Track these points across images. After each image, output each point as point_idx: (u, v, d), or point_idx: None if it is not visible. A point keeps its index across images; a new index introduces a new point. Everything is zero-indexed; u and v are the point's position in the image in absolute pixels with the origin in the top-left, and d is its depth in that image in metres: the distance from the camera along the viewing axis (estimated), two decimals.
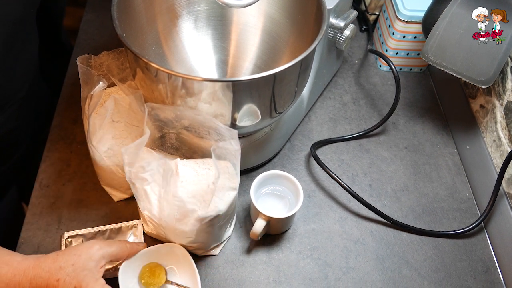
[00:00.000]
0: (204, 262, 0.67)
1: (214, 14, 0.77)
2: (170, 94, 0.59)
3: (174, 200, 0.57)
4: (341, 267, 0.68)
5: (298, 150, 0.81)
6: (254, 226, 0.64)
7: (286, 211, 0.69)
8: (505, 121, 0.73)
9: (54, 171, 0.74)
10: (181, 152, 0.67)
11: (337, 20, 0.74)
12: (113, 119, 0.69)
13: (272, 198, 0.71)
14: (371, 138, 0.84)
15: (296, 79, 0.63)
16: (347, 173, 0.79)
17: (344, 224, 0.73)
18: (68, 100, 0.83)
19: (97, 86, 0.64)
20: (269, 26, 0.76)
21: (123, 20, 0.61)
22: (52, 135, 0.79)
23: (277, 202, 0.70)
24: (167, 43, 0.76)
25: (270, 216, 0.63)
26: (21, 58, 0.73)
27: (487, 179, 0.75)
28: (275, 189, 0.71)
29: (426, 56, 0.75)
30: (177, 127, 0.63)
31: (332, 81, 0.92)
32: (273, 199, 0.71)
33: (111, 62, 0.74)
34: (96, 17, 0.99)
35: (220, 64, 0.80)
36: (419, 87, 0.93)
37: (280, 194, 0.71)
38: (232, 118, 0.61)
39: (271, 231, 0.68)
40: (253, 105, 0.60)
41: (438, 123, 0.87)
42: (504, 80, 0.73)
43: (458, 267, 0.69)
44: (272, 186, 0.71)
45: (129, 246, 0.59)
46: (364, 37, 1.01)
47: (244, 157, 0.70)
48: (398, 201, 0.76)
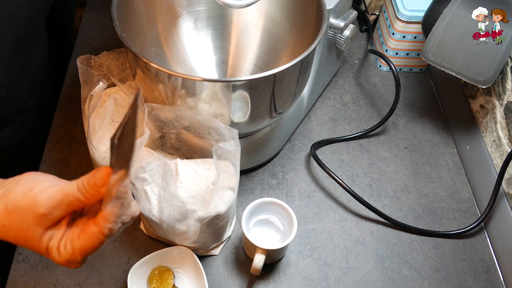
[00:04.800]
0: (204, 262, 0.67)
1: (214, 14, 0.77)
2: (170, 94, 0.59)
3: (174, 200, 0.57)
4: (341, 267, 0.68)
5: (298, 150, 0.81)
6: (254, 262, 0.61)
7: (280, 237, 0.67)
8: (505, 121, 0.73)
9: (54, 172, 0.74)
10: (181, 152, 0.67)
11: (337, 20, 0.74)
12: (113, 119, 0.69)
13: (262, 227, 0.68)
14: (371, 138, 0.84)
15: (296, 79, 0.63)
16: (347, 173, 0.79)
17: (344, 224, 0.73)
18: (68, 100, 0.83)
19: (97, 86, 0.64)
20: (269, 26, 0.76)
21: (123, 20, 0.62)
22: (52, 135, 0.79)
23: (268, 230, 0.68)
24: (167, 43, 0.76)
25: (268, 249, 0.61)
26: (30, 66, 0.72)
27: (487, 179, 0.75)
28: (263, 218, 0.68)
29: (426, 56, 0.75)
30: (177, 127, 0.63)
31: (332, 81, 0.92)
32: (263, 227, 0.68)
33: (111, 62, 0.74)
34: (96, 17, 0.99)
35: (220, 64, 0.80)
36: (419, 87, 0.93)
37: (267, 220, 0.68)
38: (232, 118, 0.61)
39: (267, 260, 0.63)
40: (253, 105, 0.60)
41: (438, 123, 0.87)
42: (504, 80, 0.73)
43: (458, 267, 0.69)
44: (259, 216, 0.68)
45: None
46: (364, 37, 1.01)
47: (244, 157, 0.70)
48: (398, 201, 0.76)
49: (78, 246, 0.42)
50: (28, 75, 0.73)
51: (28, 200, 0.41)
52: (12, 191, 0.42)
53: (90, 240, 0.41)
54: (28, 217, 0.40)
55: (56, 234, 0.42)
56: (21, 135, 0.76)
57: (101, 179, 0.41)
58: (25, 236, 0.41)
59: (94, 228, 0.41)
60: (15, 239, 0.42)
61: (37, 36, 0.74)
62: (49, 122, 0.81)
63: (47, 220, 0.41)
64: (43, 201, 0.40)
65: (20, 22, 0.65)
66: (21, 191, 0.41)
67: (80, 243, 0.42)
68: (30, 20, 0.67)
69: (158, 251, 0.63)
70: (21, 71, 0.70)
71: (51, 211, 0.41)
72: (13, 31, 0.64)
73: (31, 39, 0.71)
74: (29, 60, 0.72)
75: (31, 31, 0.69)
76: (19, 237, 0.42)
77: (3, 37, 0.63)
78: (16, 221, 0.41)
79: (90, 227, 0.42)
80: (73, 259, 0.42)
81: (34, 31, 0.71)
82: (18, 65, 0.68)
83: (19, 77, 0.70)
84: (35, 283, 0.64)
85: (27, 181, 0.43)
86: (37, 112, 0.78)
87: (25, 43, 0.69)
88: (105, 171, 0.41)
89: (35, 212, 0.40)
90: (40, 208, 0.40)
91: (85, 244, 0.41)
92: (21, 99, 0.73)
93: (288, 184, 0.76)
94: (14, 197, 0.41)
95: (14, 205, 0.41)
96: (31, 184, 0.42)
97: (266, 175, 0.77)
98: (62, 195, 0.41)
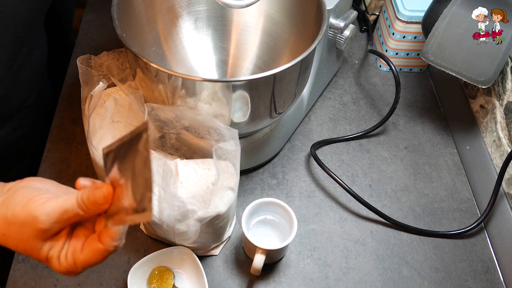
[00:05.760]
0: (204, 262, 0.67)
1: (214, 14, 0.77)
2: (170, 94, 0.59)
3: (174, 200, 0.57)
4: (341, 267, 0.68)
5: (298, 150, 0.81)
6: (254, 263, 0.61)
7: (280, 237, 0.67)
8: (505, 121, 0.73)
9: (54, 172, 0.74)
10: (181, 152, 0.67)
11: (337, 21, 0.74)
12: (113, 120, 0.69)
13: (262, 227, 0.68)
14: (371, 138, 0.84)
15: (296, 79, 0.63)
16: (347, 173, 0.79)
17: (344, 224, 0.73)
18: (68, 100, 0.83)
19: (97, 86, 0.64)
20: (269, 26, 0.76)
21: (123, 20, 0.62)
22: (52, 135, 0.79)
23: (268, 230, 0.68)
24: (167, 43, 0.76)
25: (268, 249, 0.61)
26: (28, 65, 0.72)
27: (487, 179, 0.75)
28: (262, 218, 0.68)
29: (426, 56, 0.75)
30: (177, 127, 0.63)
31: (332, 81, 0.92)
32: (263, 227, 0.68)
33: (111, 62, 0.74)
34: (96, 17, 0.99)
35: (220, 65, 0.80)
36: (419, 87, 0.93)
37: (267, 220, 0.68)
38: (232, 118, 0.61)
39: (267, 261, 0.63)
40: (253, 106, 0.60)
41: (438, 123, 0.87)
42: (504, 80, 0.73)
43: (458, 267, 0.69)
44: (259, 216, 0.68)
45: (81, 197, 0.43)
46: (364, 37, 1.01)
47: (244, 157, 0.70)
48: (398, 201, 0.76)
49: (81, 259, 0.42)
50: (27, 75, 0.73)
51: (27, 214, 0.40)
52: (11, 201, 0.42)
53: (94, 256, 0.42)
54: (27, 230, 0.41)
55: (56, 244, 0.42)
56: (19, 133, 0.76)
57: (102, 197, 0.41)
58: (24, 247, 0.42)
59: (99, 245, 0.42)
60: (15, 247, 0.42)
61: (36, 36, 0.74)
62: (48, 121, 0.81)
63: (46, 234, 0.41)
64: (42, 217, 0.40)
65: (18, 22, 0.65)
66: (20, 202, 0.41)
67: (84, 257, 0.42)
68: (28, 20, 0.67)
69: (158, 251, 0.63)
70: (19, 70, 0.70)
71: (50, 226, 0.41)
72: (11, 31, 0.64)
73: (30, 39, 0.71)
74: (28, 60, 0.72)
75: (29, 31, 0.69)
76: (19, 246, 0.42)
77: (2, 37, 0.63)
78: (15, 232, 0.41)
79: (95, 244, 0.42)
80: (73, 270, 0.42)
81: (32, 31, 0.71)
82: (16, 65, 0.68)
83: (17, 76, 0.70)
84: (35, 283, 0.64)
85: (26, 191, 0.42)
86: (35, 111, 0.78)
87: (24, 43, 0.69)
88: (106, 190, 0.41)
89: (34, 227, 0.40)
90: (40, 224, 0.40)
91: (89, 258, 0.42)
92: (19, 98, 0.73)
93: (288, 184, 0.76)
94: (13, 208, 0.41)
95: (14, 216, 0.41)
96: (30, 195, 0.42)
97: (266, 175, 0.77)
98: (62, 210, 0.41)
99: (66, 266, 0.42)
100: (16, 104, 0.73)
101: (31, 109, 0.76)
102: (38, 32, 0.74)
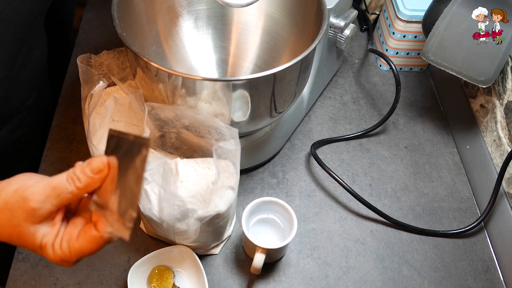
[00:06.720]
0: (204, 261, 0.67)
1: (215, 13, 0.77)
2: (170, 93, 0.59)
3: (174, 199, 0.57)
4: (341, 266, 0.68)
5: (298, 149, 0.81)
6: (254, 262, 0.61)
7: (280, 236, 0.67)
8: (505, 120, 0.73)
9: (54, 171, 0.74)
10: (181, 152, 0.67)
11: (337, 20, 0.74)
12: (113, 119, 0.69)
13: (262, 226, 0.68)
14: (371, 138, 0.84)
15: (296, 79, 0.63)
16: (347, 173, 0.79)
17: (344, 223, 0.73)
18: (68, 100, 0.83)
19: (97, 85, 0.64)
20: (270, 25, 0.76)
21: (123, 19, 0.62)
22: (52, 134, 0.79)
23: (268, 229, 0.68)
24: (167, 42, 0.76)
25: (268, 248, 0.61)
26: (29, 65, 0.72)
27: (487, 178, 0.75)
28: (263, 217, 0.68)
29: (426, 55, 0.75)
30: (177, 126, 0.63)
31: (332, 81, 0.92)
32: (263, 227, 0.68)
33: (111, 61, 0.74)
34: (96, 16, 0.99)
35: (220, 64, 0.80)
36: (419, 87, 0.93)
37: (267, 219, 0.68)
38: (232, 117, 0.61)
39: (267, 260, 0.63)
40: (253, 105, 0.60)
41: (438, 123, 0.87)
42: (504, 79, 0.73)
43: (458, 266, 0.69)
44: (259, 215, 0.68)
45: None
46: (364, 37, 1.01)
47: (244, 157, 0.70)
48: (398, 200, 0.76)
49: (76, 247, 0.41)
50: (27, 75, 0.73)
51: (18, 196, 0.40)
52: (3, 191, 0.42)
53: (89, 243, 0.41)
54: (18, 213, 0.40)
55: (51, 231, 0.42)
56: (20, 133, 0.76)
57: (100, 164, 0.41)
58: (17, 233, 0.41)
59: (94, 232, 0.41)
60: (9, 237, 0.42)
61: (36, 36, 0.74)
62: (48, 121, 0.81)
63: (37, 216, 0.41)
64: (31, 195, 0.40)
65: (19, 22, 0.65)
66: (11, 189, 0.41)
67: (79, 245, 0.42)
68: (29, 20, 0.67)
69: (158, 250, 0.63)
70: (20, 71, 0.70)
71: (40, 205, 0.40)
72: (12, 31, 0.64)
73: (30, 39, 0.71)
74: (28, 60, 0.72)
75: (30, 31, 0.69)
76: (13, 235, 0.42)
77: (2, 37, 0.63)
78: (7, 219, 0.41)
79: (90, 231, 0.42)
80: (67, 259, 0.42)
81: (33, 31, 0.71)
82: (17, 65, 0.68)
83: (17, 77, 0.70)
84: (35, 282, 0.64)
85: (19, 180, 0.43)
86: (35, 111, 0.78)
87: (24, 43, 0.69)
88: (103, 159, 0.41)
89: (24, 207, 0.40)
90: (29, 202, 0.40)
91: (84, 247, 0.42)
92: (19, 98, 0.73)
93: (288, 184, 0.76)
94: (5, 195, 0.41)
95: (5, 203, 0.41)
96: (21, 182, 0.42)
97: (266, 174, 0.77)
98: (51, 187, 0.41)
99: (60, 255, 0.42)
100: (16, 104, 0.73)
101: (31, 109, 0.76)
102: (38, 32, 0.74)
